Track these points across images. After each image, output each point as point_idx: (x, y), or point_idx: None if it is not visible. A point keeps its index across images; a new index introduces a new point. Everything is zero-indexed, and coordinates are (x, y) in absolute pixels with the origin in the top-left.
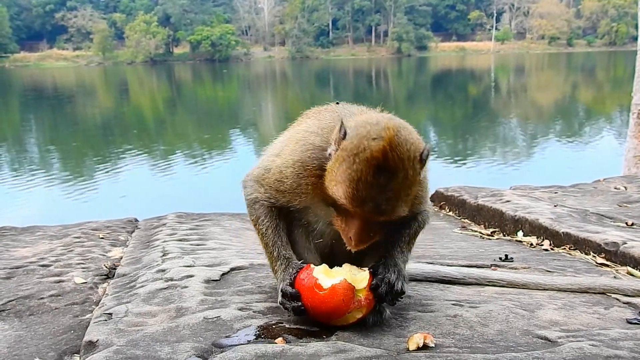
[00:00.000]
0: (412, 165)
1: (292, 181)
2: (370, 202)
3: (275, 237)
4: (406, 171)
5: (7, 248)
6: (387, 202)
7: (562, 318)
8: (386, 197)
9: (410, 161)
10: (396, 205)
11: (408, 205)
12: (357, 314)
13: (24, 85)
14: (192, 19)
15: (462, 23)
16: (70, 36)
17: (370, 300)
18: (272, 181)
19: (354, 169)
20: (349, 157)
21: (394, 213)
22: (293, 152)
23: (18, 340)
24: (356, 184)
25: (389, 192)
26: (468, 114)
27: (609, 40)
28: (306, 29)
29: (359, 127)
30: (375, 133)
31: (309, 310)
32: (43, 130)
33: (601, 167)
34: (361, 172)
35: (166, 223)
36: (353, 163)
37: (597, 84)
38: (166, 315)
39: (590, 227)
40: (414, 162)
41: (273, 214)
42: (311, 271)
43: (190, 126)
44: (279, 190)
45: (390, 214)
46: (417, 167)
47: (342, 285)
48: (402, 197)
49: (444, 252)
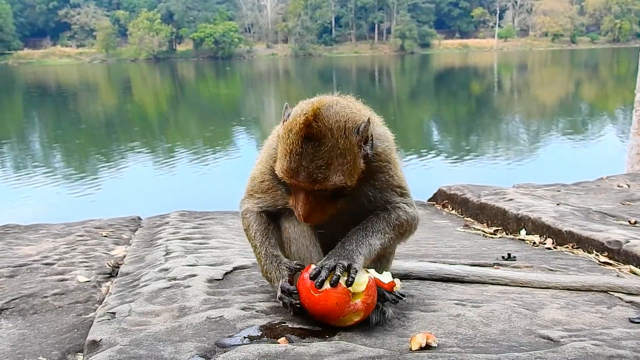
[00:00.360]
0: (344, 135)
1: (269, 180)
2: (302, 172)
3: (264, 238)
4: (335, 140)
5: (10, 246)
6: (319, 170)
7: (565, 317)
8: (316, 165)
9: (340, 131)
10: (329, 173)
11: (349, 177)
12: (355, 317)
13: (27, 82)
14: (195, 16)
15: (465, 20)
16: (74, 33)
17: (369, 304)
18: (256, 186)
19: (287, 143)
20: (285, 134)
21: (328, 180)
22: (265, 152)
23: (22, 338)
24: (288, 156)
25: (319, 160)
26: (471, 111)
27: (613, 37)
28: (309, 27)
29: (297, 108)
30: (304, 109)
31: (308, 310)
32: (46, 128)
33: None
34: (292, 144)
35: (169, 221)
36: (287, 138)
37: (600, 81)
38: (169, 315)
39: (593, 225)
40: (345, 133)
41: (262, 219)
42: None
43: (193, 124)
44: (262, 191)
45: (323, 182)
46: (351, 138)
47: (336, 290)
48: (336, 166)
49: (447, 251)
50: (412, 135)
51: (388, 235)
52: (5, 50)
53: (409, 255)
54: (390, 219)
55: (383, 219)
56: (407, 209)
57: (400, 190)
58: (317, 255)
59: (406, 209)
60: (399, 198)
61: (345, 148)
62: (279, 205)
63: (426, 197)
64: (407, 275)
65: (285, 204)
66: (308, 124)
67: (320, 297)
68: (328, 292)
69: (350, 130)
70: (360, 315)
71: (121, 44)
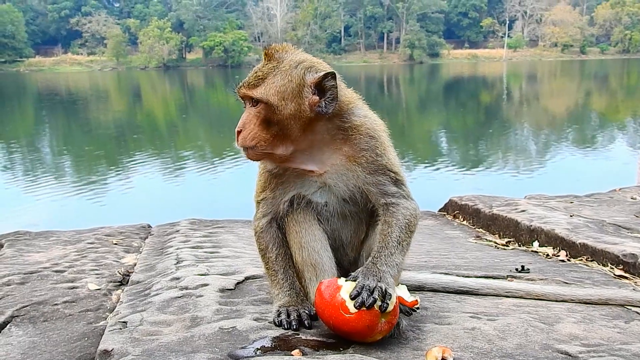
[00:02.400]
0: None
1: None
2: (245, 80)
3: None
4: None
5: (21, 253)
6: (255, 80)
7: (582, 332)
8: (256, 75)
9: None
10: (261, 84)
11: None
12: (378, 336)
13: (39, 89)
14: (205, 25)
15: (475, 30)
16: (85, 41)
17: (393, 323)
18: (259, 186)
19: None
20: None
21: (256, 89)
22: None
23: (32, 346)
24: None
25: (259, 72)
26: (480, 121)
27: (623, 48)
28: (318, 36)
29: None
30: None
31: (328, 325)
32: (56, 134)
33: (614, 176)
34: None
35: (179, 229)
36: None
37: (610, 92)
38: (181, 325)
39: (608, 238)
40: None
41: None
42: (336, 289)
43: (203, 131)
44: (263, 189)
45: (252, 89)
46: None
47: (369, 312)
48: (270, 82)
49: (459, 263)
50: (422, 145)
51: (405, 242)
52: (17, 58)
53: (421, 266)
54: (401, 224)
55: (396, 227)
56: (408, 206)
57: (394, 176)
58: (329, 261)
59: (407, 205)
60: (395, 188)
61: (288, 74)
62: (280, 199)
63: (437, 207)
64: (421, 287)
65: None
66: (269, 47)
67: (351, 318)
68: (361, 313)
69: (305, 68)
70: (383, 334)
71: (131, 52)
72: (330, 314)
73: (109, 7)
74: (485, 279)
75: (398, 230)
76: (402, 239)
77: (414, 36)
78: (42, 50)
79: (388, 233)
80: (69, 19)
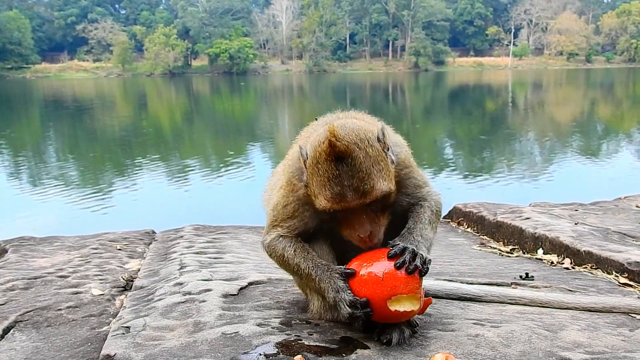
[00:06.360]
0: (369, 145)
1: (293, 206)
2: (349, 192)
3: (305, 253)
4: (364, 151)
5: (25, 258)
6: (363, 182)
7: (586, 339)
8: (359, 178)
9: (363, 142)
10: (373, 183)
11: (389, 181)
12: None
13: (45, 95)
14: (211, 32)
15: (480, 38)
16: (91, 48)
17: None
18: (281, 213)
19: (320, 175)
20: (313, 170)
21: (375, 190)
22: (285, 178)
23: (35, 351)
24: (328, 184)
25: (359, 173)
26: (485, 129)
27: (628, 57)
28: (324, 43)
29: (312, 142)
30: (321, 138)
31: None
32: (62, 141)
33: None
34: (325, 172)
35: (183, 235)
36: (317, 171)
37: (615, 101)
38: (184, 330)
39: (613, 246)
40: (370, 142)
41: (296, 240)
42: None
43: (207, 138)
44: (289, 217)
45: (372, 192)
46: (376, 145)
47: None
48: (375, 174)
49: (463, 269)
50: (427, 153)
51: (435, 223)
52: (23, 64)
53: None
54: (432, 207)
55: (427, 209)
56: (435, 197)
57: (424, 185)
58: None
59: (434, 196)
60: (425, 189)
61: (375, 155)
62: (311, 227)
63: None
64: (424, 294)
65: (317, 224)
66: (333, 146)
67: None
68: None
69: (372, 139)
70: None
71: (137, 59)
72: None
73: (115, 14)
74: (489, 286)
75: (429, 212)
76: (432, 220)
77: (420, 44)
78: (48, 56)
79: (420, 212)
80: (75, 25)
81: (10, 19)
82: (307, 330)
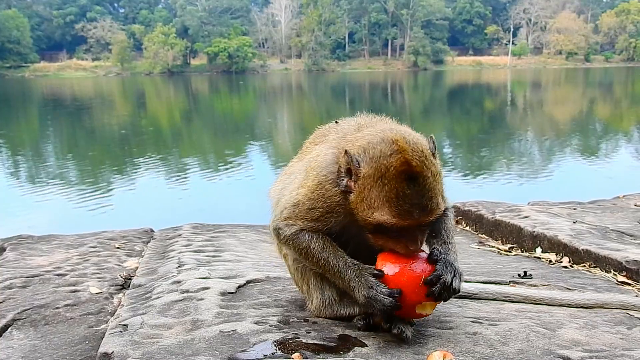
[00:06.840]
0: (431, 161)
1: (322, 207)
2: (417, 210)
3: (334, 250)
4: (430, 168)
5: (23, 257)
6: (430, 201)
7: (584, 337)
8: (428, 197)
9: (428, 158)
10: (437, 201)
11: (443, 197)
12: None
13: (43, 94)
14: (210, 31)
15: (479, 37)
16: (90, 47)
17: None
18: (305, 212)
19: (388, 189)
20: (376, 182)
21: (439, 208)
22: (315, 179)
23: (33, 349)
24: (397, 201)
25: (428, 192)
26: (484, 128)
27: (627, 56)
28: (323, 42)
29: (368, 150)
30: (388, 150)
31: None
32: (61, 139)
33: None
34: (396, 189)
35: (182, 234)
36: (383, 185)
37: (614, 100)
38: (182, 328)
39: (611, 244)
40: (431, 159)
41: (321, 235)
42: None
43: (206, 137)
44: (314, 219)
45: (437, 211)
46: (434, 162)
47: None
48: (438, 192)
49: (462, 268)
50: None
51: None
52: (22, 63)
53: None
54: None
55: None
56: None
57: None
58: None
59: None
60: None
61: (436, 172)
62: (336, 228)
63: None
64: None
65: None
66: (408, 164)
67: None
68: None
69: (430, 154)
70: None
71: (136, 58)
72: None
73: (114, 12)
74: (487, 284)
75: (451, 221)
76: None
77: (418, 43)
78: (47, 55)
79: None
80: (74, 24)
81: (9, 17)
82: (305, 328)
